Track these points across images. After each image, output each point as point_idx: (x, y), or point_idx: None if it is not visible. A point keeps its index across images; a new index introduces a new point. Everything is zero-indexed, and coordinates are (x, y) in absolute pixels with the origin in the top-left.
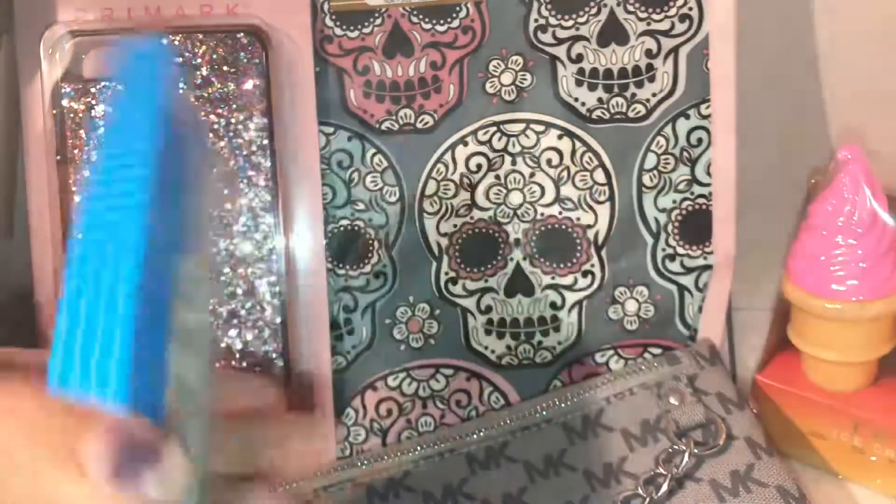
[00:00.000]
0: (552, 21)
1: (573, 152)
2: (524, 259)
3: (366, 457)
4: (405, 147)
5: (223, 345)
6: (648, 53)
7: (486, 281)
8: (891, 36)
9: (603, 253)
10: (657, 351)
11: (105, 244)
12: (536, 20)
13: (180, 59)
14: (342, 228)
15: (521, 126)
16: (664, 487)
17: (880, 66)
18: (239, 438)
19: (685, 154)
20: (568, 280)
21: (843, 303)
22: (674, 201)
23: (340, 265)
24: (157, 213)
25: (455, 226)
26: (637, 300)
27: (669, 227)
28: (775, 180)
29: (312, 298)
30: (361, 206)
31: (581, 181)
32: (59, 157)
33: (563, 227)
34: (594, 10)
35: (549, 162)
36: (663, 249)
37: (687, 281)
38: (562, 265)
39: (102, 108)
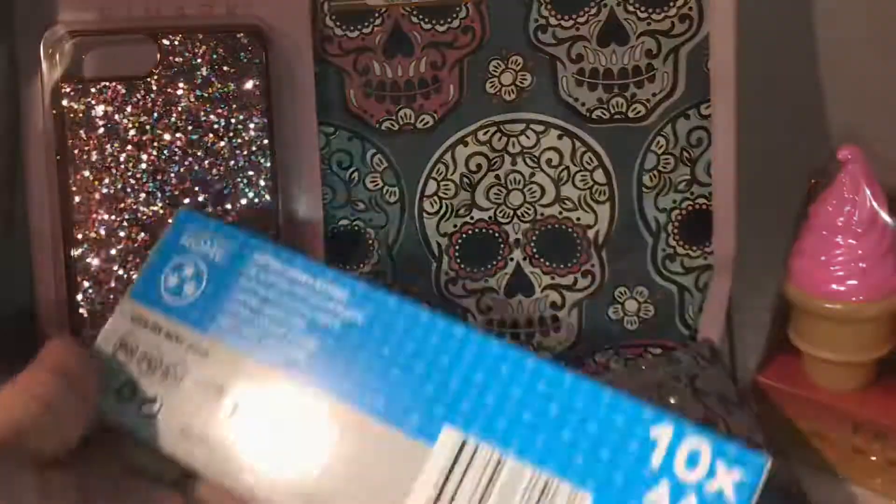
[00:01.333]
0: (552, 21)
1: (573, 152)
2: (524, 259)
3: None
4: (405, 147)
5: None
6: (648, 53)
7: (486, 281)
8: (890, 36)
9: (603, 253)
10: (657, 351)
11: None
12: (536, 20)
13: (180, 60)
14: (342, 228)
15: (521, 126)
16: None
17: (880, 67)
18: None
19: (685, 154)
20: (568, 280)
21: (843, 303)
22: (674, 201)
23: (340, 265)
24: None
25: (455, 226)
26: (637, 300)
27: (669, 227)
28: (775, 180)
29: None
30: (361, 206)
31: (581, 181)
32: (59, 157)
33: (563, 227)
34: (594, 10)
35: (549, 162)
36: (663, 249)
37: (687, 281)
38: (562, 265)
39: (102, 108)
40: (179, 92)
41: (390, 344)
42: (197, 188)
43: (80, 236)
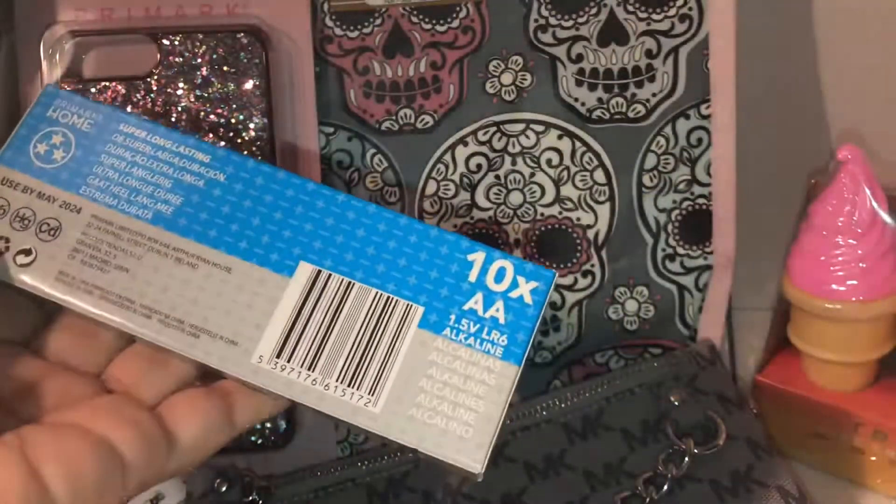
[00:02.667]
0: (552, 21)
1: (573, 152)
2: (524, 259)
3: (366, 457)
4: (405, 147)
5: None
6: (648, 53)
7: None
8: (891, 36)
9: (603, 253)
10: (657, 351)
11: None
12: (536, 20)
13: (180, 60)
14: None
15: (521, 126)
16: (664, 487)
17: (880, 67)
18: None
19: (685, 154)
20: (568, 280)
21: (843, 303)
22: (674, 201)
23: None
24: None
25: (455, 226)
26: (637, 300)
27: (669, 227)
28: (775, 180)
29: None
30: None
31: (581, 181)
32: None
33: (563, 227)
34: (594, 10)
35: (549, 162)
36: (663, 249)
37: (687, 281)
38: (562, 265)
39: None
40: (179, 92)
41: (251, 197)
42: None
43: None
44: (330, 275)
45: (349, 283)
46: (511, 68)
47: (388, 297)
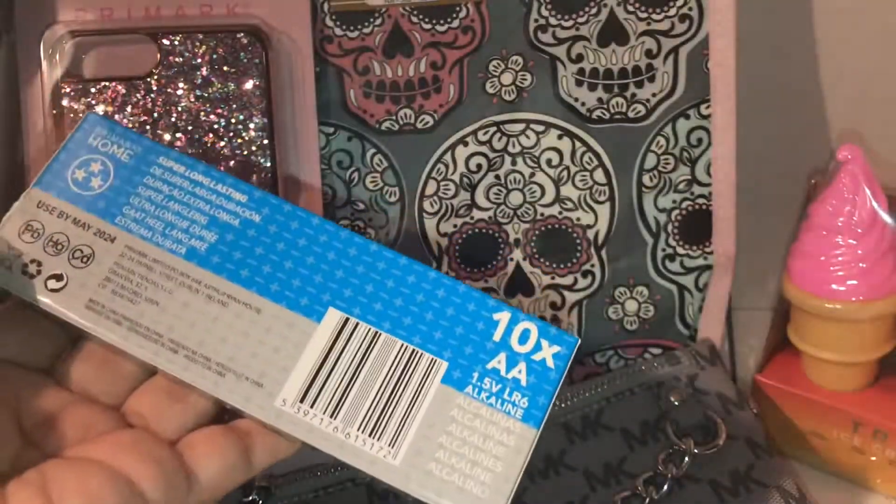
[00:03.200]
0: (552, 21)
1: (573, 152)
2: (524, 259)
3: None
4: (405, 147)
5: None
6: (648, 53)
7: (486, 281)
8: (891, 36)
9: (603, 253)
10: (657, 351)
11: None
12: (536, 20)
13: (180, 60)
14: None
15: (521, 126)
16: (664, 487)
17: (880, 67)
18: None
19: (685, 154)
20: (568, 280)
21: (843, 303)
22: (674, 201)
23: None
24: None
25: (455, 226)
26: (637, 300)
27: (669, 227)
28: (775, 180)
29: None
30: (361, 206)
31: (581, 181)
32: None
33: (563, 227)
34: (594, 10)
35: (549, 162)
36: (663, 249)
37: (687, 281)
38: (562, 265)
39: (102, 108)
40: (179, 92)
41: (285, 240)
42: None
43: None
44: (357, 323)
45: (376, 332)
46: (511, 68)
47: (414, 350)
